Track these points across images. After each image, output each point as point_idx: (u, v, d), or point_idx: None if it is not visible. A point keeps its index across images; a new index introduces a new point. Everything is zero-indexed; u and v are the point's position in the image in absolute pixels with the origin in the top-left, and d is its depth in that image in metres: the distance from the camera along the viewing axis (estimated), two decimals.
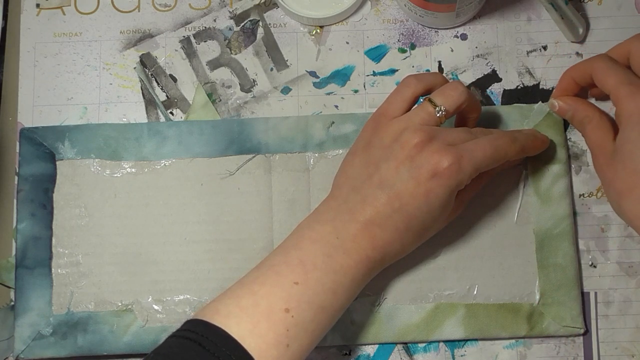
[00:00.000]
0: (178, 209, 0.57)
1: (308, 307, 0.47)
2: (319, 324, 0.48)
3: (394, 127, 0.51)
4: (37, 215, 0.57)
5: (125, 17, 0.62)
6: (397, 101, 0.52)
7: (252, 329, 0.46)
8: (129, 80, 0.60)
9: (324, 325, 0.49)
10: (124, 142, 0.58)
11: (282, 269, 0.48)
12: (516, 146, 0.52)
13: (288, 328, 0.46)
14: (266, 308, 0.47)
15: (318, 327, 0.48)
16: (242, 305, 0.47)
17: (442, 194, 0.49)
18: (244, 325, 0.46)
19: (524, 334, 0.55)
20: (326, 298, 0.48)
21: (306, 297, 0.47)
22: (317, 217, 0.51)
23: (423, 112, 0.51)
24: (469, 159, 0.49)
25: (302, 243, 0.49)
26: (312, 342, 0.48)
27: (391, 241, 0.50)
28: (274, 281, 0.48)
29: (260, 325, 0.46)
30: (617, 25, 0.60)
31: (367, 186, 0.50)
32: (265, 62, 0.61)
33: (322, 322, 0.48)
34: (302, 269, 0.48)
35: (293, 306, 0.47)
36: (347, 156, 0.53)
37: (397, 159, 0.49)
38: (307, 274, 0.48)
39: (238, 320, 0.46)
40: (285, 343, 0.46)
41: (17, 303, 0.55)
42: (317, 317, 0.48)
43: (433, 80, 0.52)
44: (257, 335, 0.46)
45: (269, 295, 0.47)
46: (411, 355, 0.56)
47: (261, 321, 0.46)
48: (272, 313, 0.46)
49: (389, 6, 0.61)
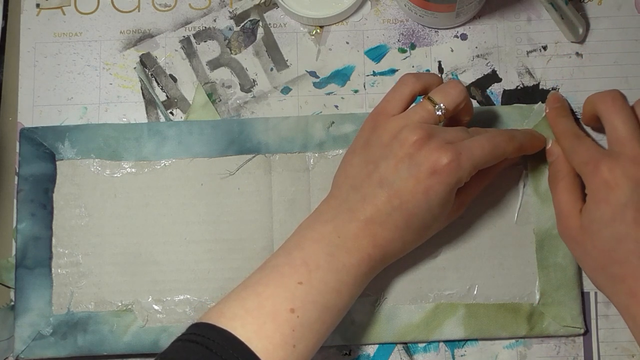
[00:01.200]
0: (178, 209, 0.57)
1: (313, 306, 0.47)
2: (324, 323, 0.48)
3: (393, 125, 0.51)
4: (37, 215, 0.57)
5: (125, 17, 0.62)
6: (396, 99, 0.52)
7: (258, 331, 0.46)
8: (129, 80, 0.60)
9: (328, 325, 0.49)
10: (124, 142, 0.58)
11: (286, 270, 0.48)
12: (514, 144, 0.52)
13: (294, 328, 0.46)
14: (271, 309, 0.47)
15: (323, 326, 0.48)
16: (247, 307, 0.47)
17: (441, 191, 0.49)
18: (250, 327, 0.46)
19: (524, 334, 0.55)
20: (330, 297, 0.48)
21: (311, 297, 0.47)
22: (318, 217, 0.51)
23: (422, 110, 0.51)
24: (467, 156, 0.49)
25: (304, 243, 0.49)
26: (317, 342, 0.48)
27: (392, 239, 0.50)
28: (278, 282, 0.48)
29: (266, 327, 0.46)
30: (617, 25, 0.60)
31: (366, 185, 0.50)
32: (265, 62, 0.61)
33: (327, 322, 0.48)
34: (306, 269, 0.48)
35: (298, 306, 0.47)
36: (346, 155, 0.53)
37: (397, 157, 0.49)
38: (311, 273, 0.48)
39: (244, 322, 0.46)
40: (292, 344, 0.46)
41: (17, 303, 0.55)
42: (322, 317, 0.48)
43: (431, 79, 0.52)
44: (263, 337, 0.46)
45: (274, 296, 0.47)
46: (411, 355, 0.56)
47: (267, 322, 0.46)
48: (277, 314, 0.46)
49: (389, 6, 0.61)
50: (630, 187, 0.49)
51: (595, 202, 0.50)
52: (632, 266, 0.48)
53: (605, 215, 0.49)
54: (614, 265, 0.49)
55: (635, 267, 0.48)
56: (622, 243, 0.49)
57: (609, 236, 0.49)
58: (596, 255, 0.50)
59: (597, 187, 0.50)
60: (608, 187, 0.49)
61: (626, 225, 0.48)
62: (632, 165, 0.49)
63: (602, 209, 0.49)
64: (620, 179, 0.49)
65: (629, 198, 0.48)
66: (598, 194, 0.50)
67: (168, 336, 0.55)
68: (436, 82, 0.52)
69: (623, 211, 0.49)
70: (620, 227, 0.49)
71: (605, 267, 0.50)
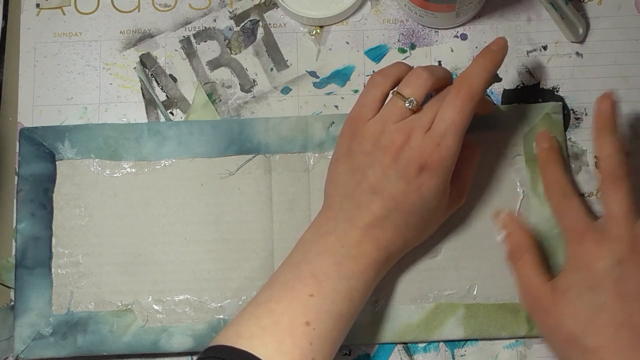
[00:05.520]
0: (178, 209, 0.57)
1: (327, 316, 0.47)
2: (339, 332, 0.48)
3: (371, 130, 0.51)
4: (37, 215, 0.57)
5: (125, 17, 0.62)
6: (369, 103, 0.52)
7: (278, 348, 0.45)
8: (129, 80, 0.60)
9: (343, 334, 0.49)
10: (124, 142, 0.58)
11: (296, 284, 0.48)
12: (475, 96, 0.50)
13: (311, 341, 0.46)
14: (288, 325, 0.46)
15: (338, 335, 0.48)
16: (263, 325, 0.47)
17: (433, 184, 0.49)
18: (270, 345, 0.45)
19: (524, 334, 0.55)
20: (343, 305, 0.48)
21: (325, 307, 0.47)
22: (318, 230, 0.51)
23: (395, 108, 0.51)
24: (446, 141, 0.49)
25: (310, 256, 0.50)
26: (333, 352, 0.48)
27: (393, 240, 0.50)
28: (290, 297, 0.48)
29: (285, 343, 0.46)
30: (617, 25, 0.60)
31: (358, 192, 0.50)
32: (265, 62, 0.61)
33: (341, 330, 0.49)
34: (315, 281, 0.48)
35: (313, 318, 0.47)
36: (331, 165, 0.53)
37: (382, 164, 0.50)
38: (321, 284, 0.48)
39: (263, 341, 0.46)
40: (311, 357, 0.46)
41: (17, 303, 0.55)
42: (337, 326, 0.48)
43: (398, 72, 0.52)
44: (283, 353, 0.45)
45: (288, 312, 0.47)
46: (411, 355, 0.56)
47: (285, 338, 0.46)
48: (294, 329, 0.46)
49: (389, 6, 0.61)
50: (613, 261, 0.49)
51: (575, 268, 0.50)
52: (608, 338, 0.47)
53: (586, 281, 0.49)
54: (588, 337, 0.48)
55: (612, 339, 0.47)
56: (601, 312, 0.48)
57: (588, 304, 0.48)
58: (570, 325, 0.49)
59: (579, 256, 0.50)
60: (591, 257, 0.49)
61: (606, 295, 0.48)
62: (618, 245, 0.49)
63: (583, 275, 0.49)
64: (604, 253, 0.49)
65: (610, 270, 0.49)
66: (580, 262, 0.50)
67: (168, 336, 0.55)
68: (404, 71, 0.52)
69: (605, 280, 0.48)
70: (600, 296, 0.48)
71: (578, 339, 0.48)
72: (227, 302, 0.56)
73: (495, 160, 0.58)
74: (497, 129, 0.58)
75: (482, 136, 0.57)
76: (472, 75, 0.50)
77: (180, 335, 0.55)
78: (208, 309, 0.56)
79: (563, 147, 0.57)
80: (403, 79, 0.52)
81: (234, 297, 0.56)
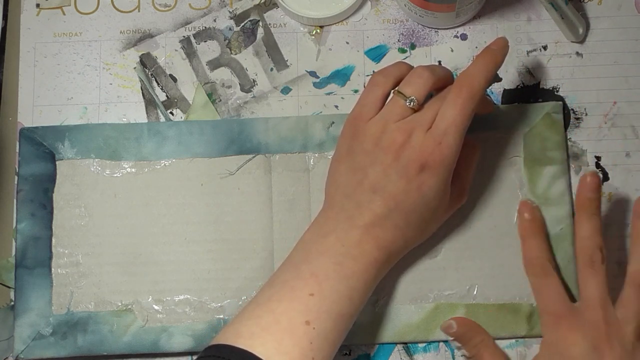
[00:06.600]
0: (178, 209, 0.57)
1: (327, 316, 0.47)
2: (339, 332, 0.48)
3: (372, 129, 0.51)
4: (37, 215, 0.57)
5: (125, 17, 0.62)
6: (370, 102, 0.52)
7: (277, 347, 0.45)
8: (129, 80, 0.60)
9: (343, 333, 0.49)
10: (124, 142, 0.58)
11: (296, 284, 0.48)
12: (476, 97, 0.50)
13: (311, 341, 0.46)
14: (288, 324, 0.46)
15: (338, 335, 0.48)
16: (263, 325, 0.47)
17: (434, 183, 0.49)
18: (270, 345, 0.45)
19: (524, 334, 0.55)
20: (343, 305, 0.48)
21: (325, 307, 0.47)
22: (319, 230, 0.51)
23: (395, 107, 0.51)
24: (446, 140, 0.49)
25: (310, 256, 0.50)
26: (333, 352, 0.48)
27: (394, 239, 0.50)
28: (290, 296, 0.48)
29: (285, 342, 0.46)
30: (617, 25, 0.60)
31: (359, 192, 0.50)
32: (265, 62, 0.61)
33: (341, 330, 0.48)
34: (315, 280, 0.48)
35: (313, 318, 0.47)
36: (332, 164, 0.53)
37: (383, 163, 0.50)
38: (321, 284, 0.48)
39: (262, 341, 0.46)
40: (311, 356, 0.46)
41: (17, 303, 0.55)
42: (337, 326, 0.48)
43: (399, 72, 0.52)
44: (283, 353, 0.45)
45: (288, 311, 0.47)
46: (411, 355, 0.56)
47: (285, 338, 0.46)
48: (294, 328, 0.46)
49: (389, 6, 0.61)
50: (587, 348, 0.49)
51: (550, 353, 0.51)
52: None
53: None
54: None
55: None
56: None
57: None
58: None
59: (554, 340, 0.51)
60: (565, 342, 0.50)
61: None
62: (592, 330, 0.50)
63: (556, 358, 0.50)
64: (579, 339, 0.50)
65: (586, 355, 0.49)
66: (555, 347, 0.51)
67: (168, 336, 0.55)
68: (405, 71, 0.52)
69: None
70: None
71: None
72: (227, 302, 0.56)
73: (495, 160, 0.58)
74: (497, 129, 0.58)
75: (482, 136, 0.57)
76: (473, 74, 0.50)
77: (180, 335, 0.55)
78: (208, 309, 0.56)
79: (562, 147, 0.57)
80: (404, 78, 0.52)
81: (234, 297, 0.56)
